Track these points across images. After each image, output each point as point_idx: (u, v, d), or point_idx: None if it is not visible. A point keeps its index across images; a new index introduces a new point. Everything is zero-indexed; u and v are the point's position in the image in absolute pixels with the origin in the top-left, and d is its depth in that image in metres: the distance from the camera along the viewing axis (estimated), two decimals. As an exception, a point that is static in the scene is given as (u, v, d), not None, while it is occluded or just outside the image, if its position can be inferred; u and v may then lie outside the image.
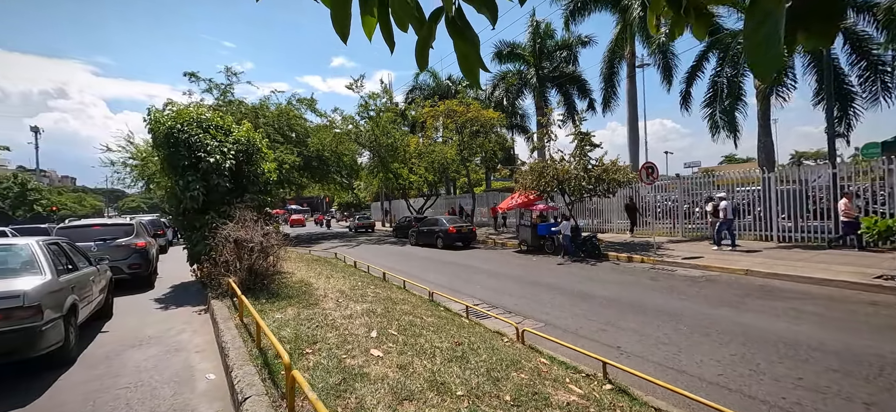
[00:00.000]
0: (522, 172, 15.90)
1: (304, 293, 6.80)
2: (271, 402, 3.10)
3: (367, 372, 3.53)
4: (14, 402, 3.65)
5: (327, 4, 1.24)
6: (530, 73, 25.40)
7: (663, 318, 6.10)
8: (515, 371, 3.76)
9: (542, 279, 9.59)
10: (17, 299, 3.83)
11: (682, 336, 5.34)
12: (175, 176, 8.09)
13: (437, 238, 17.19)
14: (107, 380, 4.15)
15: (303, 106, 23.53)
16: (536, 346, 4.79)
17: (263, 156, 9.45)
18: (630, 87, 20.98)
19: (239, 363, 3.85)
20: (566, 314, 6.61)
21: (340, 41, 1.19)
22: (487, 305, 7.24)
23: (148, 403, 3.61)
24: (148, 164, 11.53)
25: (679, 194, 16.07)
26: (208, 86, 20.94)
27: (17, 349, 3.84)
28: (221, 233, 7.11)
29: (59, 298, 4.42)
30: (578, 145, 14.16)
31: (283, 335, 4.49)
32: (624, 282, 8.93)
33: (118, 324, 6.31)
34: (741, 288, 7.88)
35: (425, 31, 1.18)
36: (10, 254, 4.82)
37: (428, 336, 4.67)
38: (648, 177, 12.27)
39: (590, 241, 12.78)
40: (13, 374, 4.22)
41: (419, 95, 31.22)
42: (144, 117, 8.68)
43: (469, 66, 1.22)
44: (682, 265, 10.32)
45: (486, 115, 21.23)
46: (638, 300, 7.27)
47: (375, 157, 25.39)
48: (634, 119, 21.02)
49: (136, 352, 4.95)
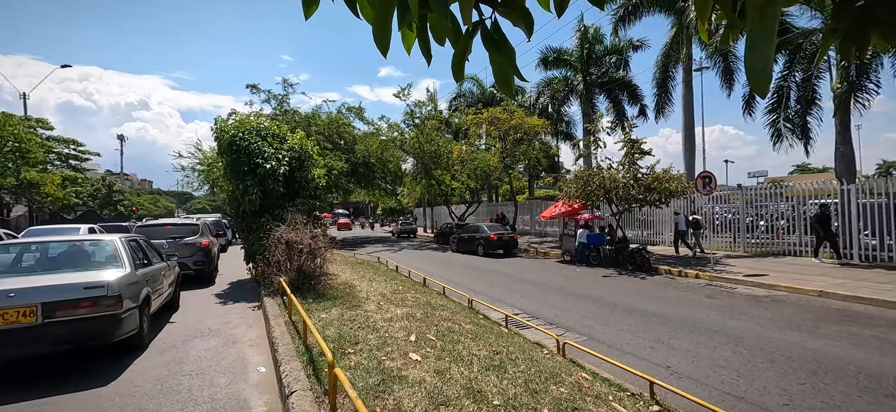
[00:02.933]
0: (567, 180, 15.48)
1: (347, 295, 7.05)
2: (315, 398, 3.25)
3: (405, 375, 3.60)
4: (97, 382, 4.10)
5: (369, 22, 1.31)
6: (577, 79, 24.77)
7: (721, 339, 5.67)
8: (555, 384, 3.66)
9: (586, 291, 9.25)
10: (101, 289, 4.32)
11: (743, 360, 4.93)
12: (236, 180, 8.73)
13: (478, 245, 17.13)
14: (173, 366, 4.55)
15: (352, 114, 24.59)
16: (578, 361, 4.63)
17: (314, 162, 9.95)
18: (686, 92, 19.81)
19: (287, 358, 4.07)
20: (611, 329, 6.33)
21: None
22: (527, 315, 7.10)
23: (207, 391, 3.92)
24: (213, 169, 12.56)
25: (741, 206, 14.87)
26: (267, 96, 22.49)
27: (100, 334, 4.31)
28: (275, 234, 7.57)
29: (135, 290, 4.92)
30: (628, 153, 13.56)
31: (328, 334, 4.69)
32: (676, 298, 8.40)
33: (183, 316, 6.89)
34: (814, 311, 7.13)
35: (461, 44, 1.22)
36: (97, 248, 5.44)
37: (466, 343, 4.67)
38: (705, 187, 11.49)
39: (639, 254, 12.16)
40: (96, 358, 4.74)
41: (463, 103, 31.47)
42: (212, 127, 9.49)
43: (504, 78, 1.24)
44: (744, 282, 9.52)
45: (530, 123, 20.95)
46: (692, 318, 6.80)
47: (419, 164, 25.88)
48: (690, 125, 19.79)
49: (199, 343, 5.38)
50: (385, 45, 1.30)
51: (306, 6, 1.30)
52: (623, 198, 13.03)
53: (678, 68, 19.73)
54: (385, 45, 1.30)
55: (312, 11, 1.30)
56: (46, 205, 23.02)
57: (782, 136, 14.95)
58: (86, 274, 4.64)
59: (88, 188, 35.55)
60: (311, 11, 1.29)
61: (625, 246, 12.81)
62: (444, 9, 1.09)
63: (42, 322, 4.00)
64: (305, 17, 1.31)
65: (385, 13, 1.26)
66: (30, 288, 4.09)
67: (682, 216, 14.70)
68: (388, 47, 1.30)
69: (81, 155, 34.86)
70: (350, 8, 1.29)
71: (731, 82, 17.68)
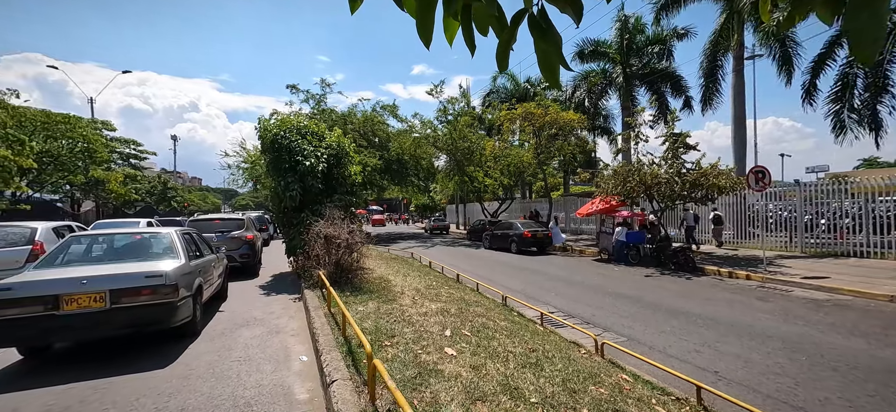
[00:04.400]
0: (604, 176, 14.97)
1: (383, 289, 7.19)
2: (354, 387, 3.34)
3: (441, 369, 3.63)
4: (155, 364, 4.43)
5: (412, 14, 1.32)
6: (616, 71, 23.86)
7: (775, 345, 5.30)
8: (594, 385, 3.56)
9: (625, 290, 8.92)
10: (160, 278, 4.65)
11: (801, 367, 4.58)
12: (277, 177, 9.11)
13: (512, 242, 16.95)
14: (223, 352, 4.83)
15: (386, 112, 25.00)
16: (617, 361, 4.48)
17: (350, 159, 10.20)
18: (736, 82, 18.54)
19: (327, 349, 4.21)
20: (652, 330, 6.07)
21: (420, 49, 1.27)
22: (563, 314, 6.95)
23: (254, 376, 4.13)
24: (256, 167, 13.18)
25: (799, 203, 13.80)
26: (306, 96, 23.30)
27: (158, 320, 4.65)
28: (314, 229, 7.84)
29: (189, 280, 5.25)
30: (671, 147, 12.92)
31: (365, 326, 4.81)
32: (724, 300, 7.94)
33: (231, 305, 7.29)
34: (884, 317, 6.51)
35: (507, 34, 1.20)
36: (155, 241, 5.86)
37: (501, 339, 4.64)
38: (757, 183, 10.75)
39: (682, 253, 11.59)
40: (154, 343, 5.11)
41: (496, 99, 31.14)
42: (255, 126, 9.96)
43: (550, 65, 1.21)
44: (801, 285, 8.84)
45: (566, 118, 20.41)
46: (742, 321, 6.40)
47: (451, 161, 25.92)
48: (741, 117, 18.52)
49: (245, 331, 5.68)
50: (428, 37, 1.30)
51: (352, 1, 1.32)
52: (665, 194, 12.44)
53: (728, 57, 18.54)
54: (428, 37, 1.30)
55: (358, 5, 1.32)
56: (111, 200, 25.06)
57: (846, 128, 13.72)
58: (146, 264, 5.02)
59: (146, 185, 38.38)
60: (357, 5, 1.32)
61: (667, 244, 12.24)
62: (491, -3, 1.08)
63: (110, 307, 4.36)
64: (351, 11, 1.34)
65: (428, 5, 1.27)
66: (99, 275, 4.47)
67: (691, 213, 15.26)
68: (430, 39, 1.30)
69: (140, 154, 37.68)
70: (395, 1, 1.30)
71: (789, 70, 16.42)
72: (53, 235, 7.97)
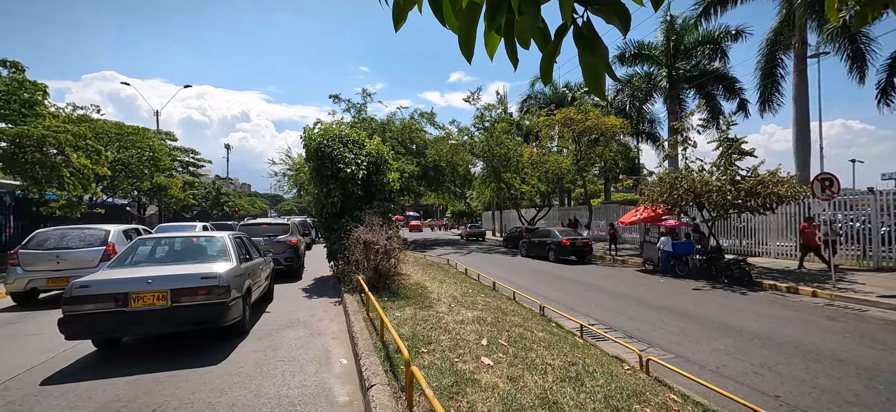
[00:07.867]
0: (649, 183, 14.31)
1: (419, 295, 7.26)
2: (392, 392, 3.39)
3: (477, 378, 3.60)
4: (209, 361, 4.72)
5: (454, 30, 1.34)
6: (661, 74, 22.85)
7: (846, 370, 4.81)
8: (639, 403, 3.39)
9: (672, 304, 8.45)
10: (214, 279, 4.96)
11: (878, 396, 4.13)
12: (320, 184, 9.48)
13: (549, 250, 16.58)
14: (269, 352, 5.07)
15: (423, 119, 25.38)
16: (664, 380, 4.25)
17: (389, 166, 10.43)
18: (798, 82, 17.16)
19: (366, 353, 4.31)
20: (703, 348, 5.70)
21: (457, 58, 1.28)
22: (604, 326, 6.69)
23: (298, 377, 4.30)
24: (300, 174, 13.80)
25: (874, 213, 12.49)
26: (347, 105, 24.15)
27: (212, 319, 4.96)
28: (353, 235, 8.07)
29: (240, 281, 5.57)
30: (724, 153, 12.15)
31: (402, 332, 4.87)
32: (786, 317, 7.31)
33: (276, 306, 7.64)
34: (982, 345, 5.73)
35: (551, 47, 1.19)
36: (210, 244, 6.27)
37: (539, 351, 4.54)
38: (824, 191, 9.86)
39: (737, 265, 10.81)
40: (208, 340, 5.45)
41: (534, 104, 30.75)
42: (300, 135, 10.44)
43: (595, 78, 1.18)
44: (878, 304, 7.98)
45: (607, 123, 19.74)
46: (807, 342, 5.87)
47: (488, 167, 25.82)
48: (804, 120, 17.10)
49: (290, 332, 5.93)
50: (469, 52, 1.32)
51: (396, 20, 1.37)
52: (717, 203, 11.69)
53: (788, 55, 17.23)
54: (469, 52, 1.32)
55: (401, 25, 1.37)
56: (172, 205, 27.13)
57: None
58: (202, 265, 5.38)
59: (202, 191, 41.20)
60: (400, 25, 1.36)
61: (719, 256, 11.47)
62: (535, 12, 1.08)
63: (170, 305, 4.71)
64: (395, 29, 1.38)
65: (470, 21, 1.29)
66: (162, 275, 4.85)
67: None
68: (472, 54, 1.32)
69: (198, 162, 40.54)
70: (437, 17, 1.33)
71: (862, 68, 15.00)
72: (123, 237, 8.73)
